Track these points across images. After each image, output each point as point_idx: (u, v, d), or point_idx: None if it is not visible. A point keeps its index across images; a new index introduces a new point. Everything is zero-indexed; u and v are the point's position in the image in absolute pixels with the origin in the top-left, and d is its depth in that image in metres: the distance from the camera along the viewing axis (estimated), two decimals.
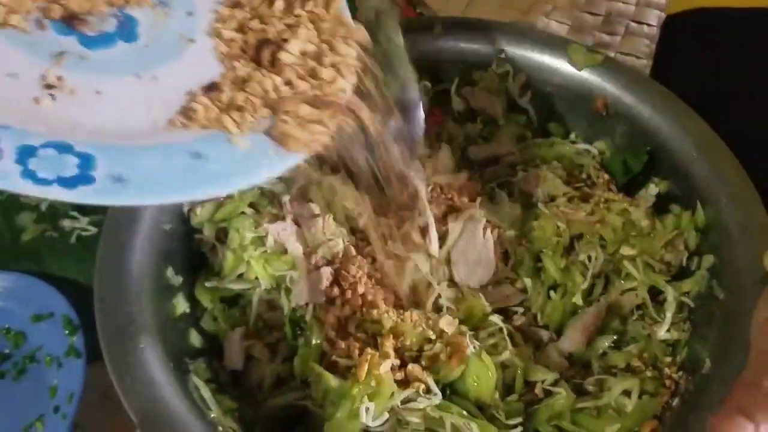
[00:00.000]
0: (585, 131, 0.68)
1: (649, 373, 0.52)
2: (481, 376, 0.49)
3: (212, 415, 0.49)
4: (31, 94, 0.36)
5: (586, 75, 0.65)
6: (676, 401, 0.50)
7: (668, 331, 0.54)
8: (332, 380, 0.49)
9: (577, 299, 0.56)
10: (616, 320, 0.56)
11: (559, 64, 0.66)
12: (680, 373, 0.52)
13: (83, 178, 0.34)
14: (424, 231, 0.58)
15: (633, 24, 0.95)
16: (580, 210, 0.59)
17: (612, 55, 0.68)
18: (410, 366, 0.50)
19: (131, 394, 0.46)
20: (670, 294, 0.55)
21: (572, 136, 0.69)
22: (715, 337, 0.51)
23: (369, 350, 0.50)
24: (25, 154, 0.33)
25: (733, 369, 0.47)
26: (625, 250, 0.56)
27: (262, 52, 0.42)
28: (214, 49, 0.42)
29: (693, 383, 0.50)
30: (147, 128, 0.38)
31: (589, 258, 0.57)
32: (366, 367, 0.48)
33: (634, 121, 0.63)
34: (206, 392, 0.50)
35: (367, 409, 0.47)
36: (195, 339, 0.56)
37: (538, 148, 0.68)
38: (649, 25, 0.95)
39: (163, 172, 0.36)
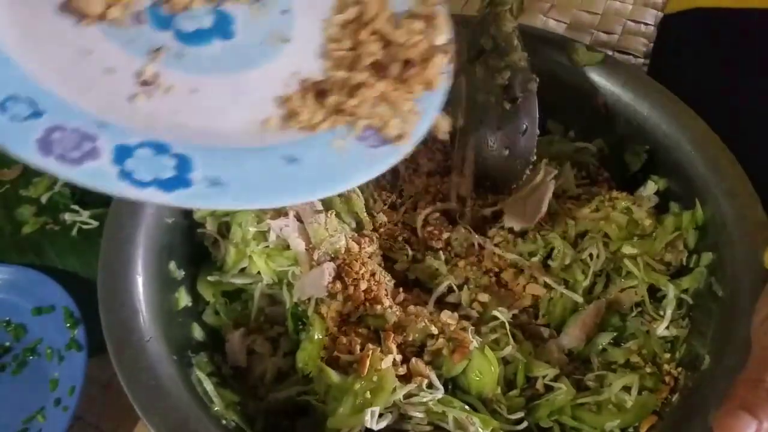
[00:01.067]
0: (584, 129, 0.69)
1: (648, 369, 0.53)
2: (484, 371, 0.50)
3: (215, 409, 0.49)
4: (127, 90, 0.36)
5: (586, 73, 0.66)
6: (675, 397, 0.51)
7: (667, 327, 0.55)
8: (334, 376, 0.50)
9: (578, 296, 0.56)
10: (616, 317, 0.57)
11: (559, 62, 0.67)
12: (679, 369, 0.53)
13: (181, 180, 0.33)
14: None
15: (630, 23, 0.95)
16: (585, 207, 0.60)
17: (610, 53, 0.68)
18: (413, 361, 0.51)
19: (136, 387, 0.46)
20: (671, 291, 0.55)
21: (571, 133, 0.70)
22: (714, 334, 0.52)
23: (370, 346, 0.50)
24: (123, 153, 0.33)
25: (733, 366, 0.47)
26: (627, 249, 0.57)
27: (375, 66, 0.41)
28: (316, 51, 0.42)
29: (692, 380, 0.51)
30: (243, 129, 0.37)
31: (591, 256, 0.57)
32: (368, 362, 0.49)
33: (632, 119, 0.64)
34: (209, 386, 0.50)
35: (372, 412, 0.47)
36: (197, 333, 0.56)
37: (537, 146, 0.69)
38: (646, 24, 0.95)
39: (260, 177, 0.35)
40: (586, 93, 0.66)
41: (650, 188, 0.63)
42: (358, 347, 0.51)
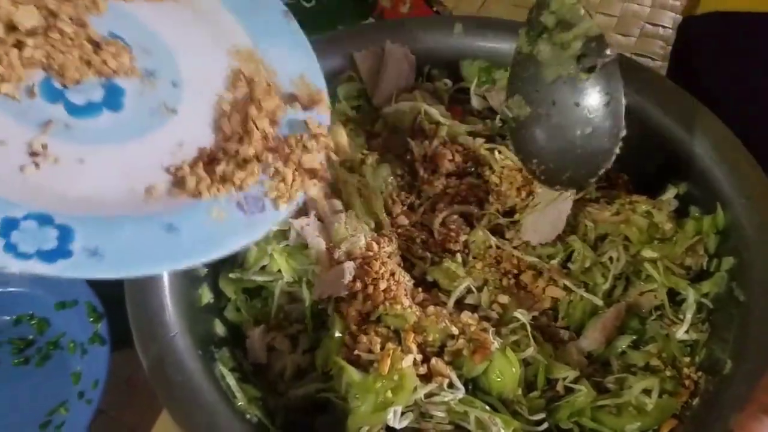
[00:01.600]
0: None
1: (668, 373, 0.53)
2: (505, 372, 0.50)
3: (239, 403, 0.50)
4: (17, 161, 0.36)
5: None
6: (696, 401, 0.51)
7: (687, 331, 0.55)
8: (355, 374, 0.50)
9: (598, 300, 0.56)
10: (635, 320, 0.57)
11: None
12: (699, 373, 0.53)
13: (61, 251, 0.34)
14: None
15: (648, 26, 0.95)
16: (606, 210, 0.60)
17: (627, 56, 0.68)
18: (433, 360, 0.51)
19: (163, 382, 0.47)
20: (691, 296, 0.55)
21: None
22: (736, 339, 0.52)
23: (391, 345, 0.51)
24: (8, 226, 0.33)
25: (755, 370, 0.48)
26: (647, 253, 0.57)
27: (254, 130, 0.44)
28: (205, 122, 0.44)
29: (713, 384, 0.51)
30: (126, 198, 0.39)
31: (611, 259, 0.57)
32: (388, 361, 0.49)
33: (651, 122, 0.64)
34: (232, 380, 0.51)
35: (395, 411, 0.48)
36: (219, 328, 0.57)
37: None
38: (664, 27, 0.95)
39: (137, 246, 0.37)
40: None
41: (670, 192, 0.63)
42: (378, 346, 0.51)
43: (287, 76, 0.48)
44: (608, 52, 0.55)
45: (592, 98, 0.56)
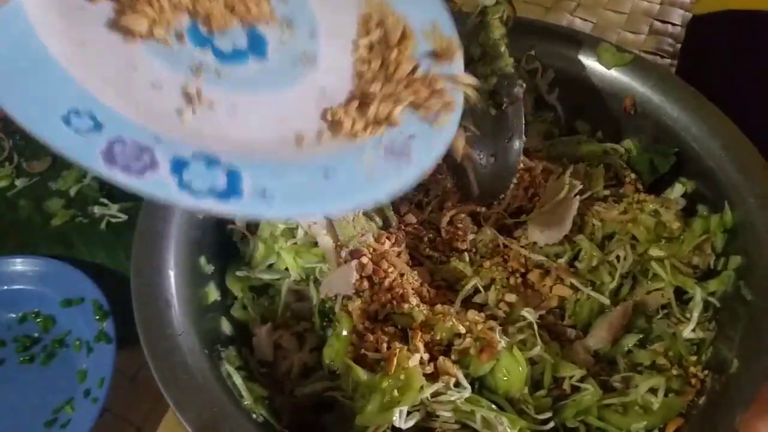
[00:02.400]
0: (612, 130, 0.69)
1: (674, 372, 0.52)
2: (512, 371, 0.50)
3: (245, 402, 0.49)
4: (174, 105, 0.37)
5: (615, 74, 0.66)
6: (702, 400, 0.51)
7: (693, 330, 0.55)
8: (362, 373, 0.50)
9: (605, 298, 0.56)
10: (642, 319, 0.56)
11: (589, 63, 0.67)
12: (705, 372, 0.53)
13: (233, 191, 0.35)
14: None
15: (657, 23, 0.95)
16: (613, 209, 0.59)
17: (637, 53, 0.67)
18: (440, 359, 0.51)
19: (170, 381, 0.46)
20: (698, 294, 0.55)
21: (599, 134, 0.70)
22: (743, 338, 0.51)
23: (397, 344, 0.51)
24: (179, 165, 0.34)
25: (762, 369, 0.47)
26: (654, 252, 0.57)
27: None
28: (346, 70, 0.44)
29: (720, 383, 0.51)
30: (280, 144, 0.39)
31: (618, 258, 0.57)
32: (395, 360, 0.49)
33: (661, 120, 0.64)
34: (238, 379, 0.51)
35: (401, 411, 0.48)
36: (226, 327, 0.57)
37: (565, 146, 0.69)
38: (673, 24, 0.94)
39: (300, 189, 0.38)
40: (615, 93, 0.66)
41: (678, 190, 0.63)
42: (385, 345, 0.51)
43: (418, 24, 0.47)
44: (516, 91, 0.57)
45: (500, 133, 0.59)
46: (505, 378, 0.50)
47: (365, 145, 0.41)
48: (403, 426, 0.48)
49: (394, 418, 0.47)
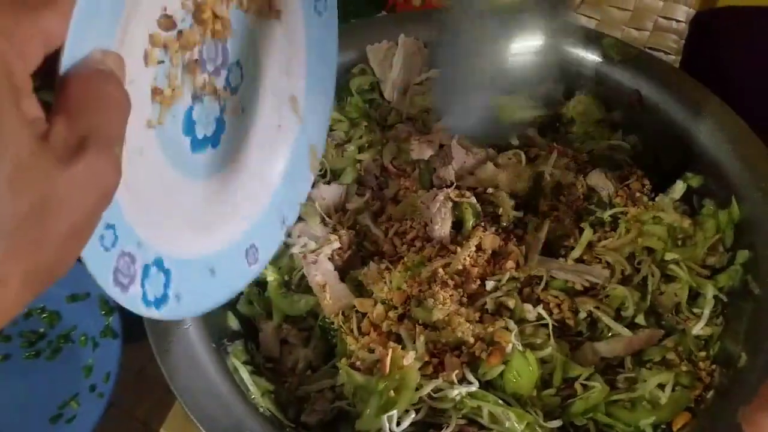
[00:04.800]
0: (618, 125, 0.68)
1: (684, 368, 0.52)
2: (523, 373, 0.49)
3: (252, 396, 0.49)
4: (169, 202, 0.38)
5: (621, 68, 0.66)
6: (710, 394, 0.51)
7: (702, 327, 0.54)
8: (358, 377, 0.50)
9: (627, 331, 0.54)
10: (653, 316, 0.56)
11: (594, 58, 0.67)
12: (714, 366, 0.52)
13: (164, 297, 0.35)
14: None
15: (661, 19, 0.94)
16: (613, 236, 0.59)
17: (644, 50, 0.67)
18: (447, 356, 0.51)
19: (177, 374, 0.46)
20: (710, 292, 0.55)
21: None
22: (750, 332, 0.51)
23: (392, 344, 0.50)
24: (146, 273, 0.33)
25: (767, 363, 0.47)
26: (669, 256, 0.56)
27: None
28: None
29: (728, 377, 0.50)
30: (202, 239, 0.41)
31: (645, 279, 0.56)
32: (388, 361, 0.48)
33: (668, 115, 0.64)
34: (245, 373, 0.51)
35: (389, 417, 0.47)
36: (232, 322, 0.56)
37: (570, 142, 0.69)
38: (677, 21, 0.94)
39: (199, 287, 0.40)
40: (620, 88, 0.66)
41: (679, 189, 0.62)
42: (379, 347, 0.50)
43: None
44: None
45: None
46: (515, 379, 0.50)
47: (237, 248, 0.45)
48: (396, 429, 0.47)
49: (385, 423, 0.47)
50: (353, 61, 0.67)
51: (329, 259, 0.58)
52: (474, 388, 0.49)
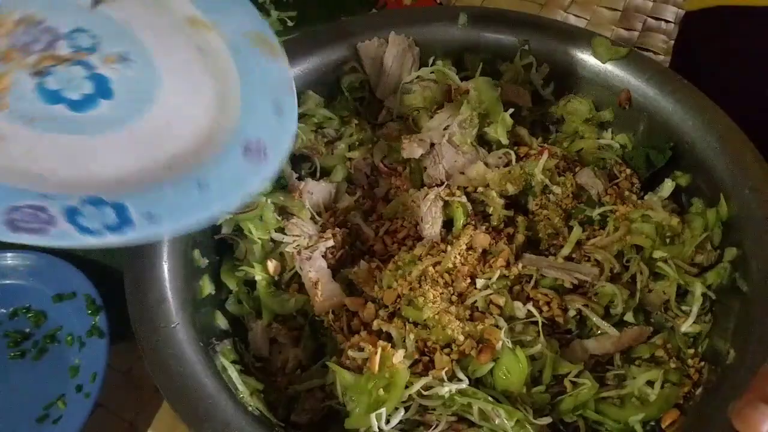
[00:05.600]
0: (607, 124, 0.69)
1: (672, 365, 0.52)
2: (513, 370, 0.49)
3: (241, 396, 0.49)
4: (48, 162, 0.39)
5: (610, 68, 0.66)
6: (699, 391, 0.51)
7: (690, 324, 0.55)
8: (348, 376, 0.50)
9: (614, 330, 0.54)
10: (641, 314, 0.56)
11: (584, 57, 0.67)
12: (702, 363, 0.53)
13: (125, 222, 0.38)
14: None
15: (651, 20, 0.95)
16: (601, 234, 0.59)
17: (635, 49, 0.67)
18: (437, 354, 0.50)
19: (164, 374, 0.46)
20: (698, 289, 0.55)
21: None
22: (738, 329, 0.52)
23: (381, 342, 0.50)
24: (72, 213, 0.37)
25: (757, 360, 0.47)
26: (657, 254, 0.56)
27: None
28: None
29: (716, 374, 0.51)
30: (155, 168, 0.42)
31: (634, 278, 0.56)
32: (377, 359, 0.48)
33: (657, 114, 0.64)
34: (234, 373, 0.50)
35: (378, 415, 0.47)
36: (221, 321, 0.56)
37: (560, 141, 0.69)
38: (666, 21, 0.95)
39: (182, 204, 0.41)
40: (610, 88, 0.66)
41: (667, 188, 0.62)
42: (369, 346, 0.50)
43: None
44: None
45: None
46: (505, 377, 0.50)
47: (228, 152, 0.45)
48: (384, 427, 0.47)
49: (373, 422, 0.47)
50: (344, 59, 0.67)
51: (323, 257, 0.58)
52: (464, 385, 0.49)
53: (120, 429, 0.62)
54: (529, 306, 0.53)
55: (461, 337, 0.51)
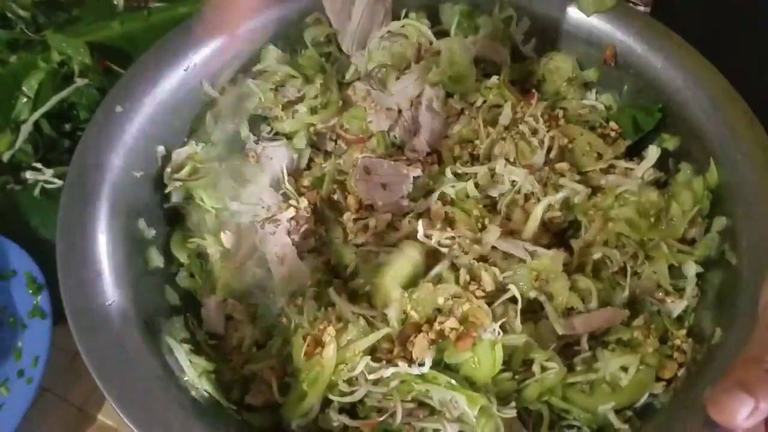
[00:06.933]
0: (591, 83, 0.64)
1: (650, 348, 0.48)
2: (483, 363, 0.45)
3: (185, 378, 0.45)
4: None
5: (596, 21, 0.61)
6: (681, 372, 0.47)
7: (674, 300, 0.51)
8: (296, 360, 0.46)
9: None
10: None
11: (567, 9, 0.61)
12: (689, 340, 0.49)
13: None
14: None
15: None
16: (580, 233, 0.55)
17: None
18: (419, 337, 0.45)
19: (95, 354, 0.42)
20: (692, 270, 0.51)
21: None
22: (724, 305, 0.48)
23: (330, 329, 0.45)
24: None
25: (741, 339, 0.43)
26: (648, 236, 0.53)
27: None
28: None
29: (701, 353, 0.47)
30: None
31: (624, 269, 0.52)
32: (333, 345, 0.44)
33: (644, 72, 0.59)
34: (180, 354, 0.46)
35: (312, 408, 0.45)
36: (170, 296, 0.52)
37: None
38: None
39: None
40: (594, 43, 0.61)
41: (652, 155, 0.58)
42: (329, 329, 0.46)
43: None
44: None
45: None
46: (474, 367, 0.45)
47: None
48: (334, 418, 0.44)
49: (309, 415, 0.45)
50: (307, 9, 0.61)
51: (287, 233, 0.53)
52: (418, 371, 0.44)
53: (69, 414, 0.58)
54: (512, 287, 0.48)
55: (447, 307, 0.46)
